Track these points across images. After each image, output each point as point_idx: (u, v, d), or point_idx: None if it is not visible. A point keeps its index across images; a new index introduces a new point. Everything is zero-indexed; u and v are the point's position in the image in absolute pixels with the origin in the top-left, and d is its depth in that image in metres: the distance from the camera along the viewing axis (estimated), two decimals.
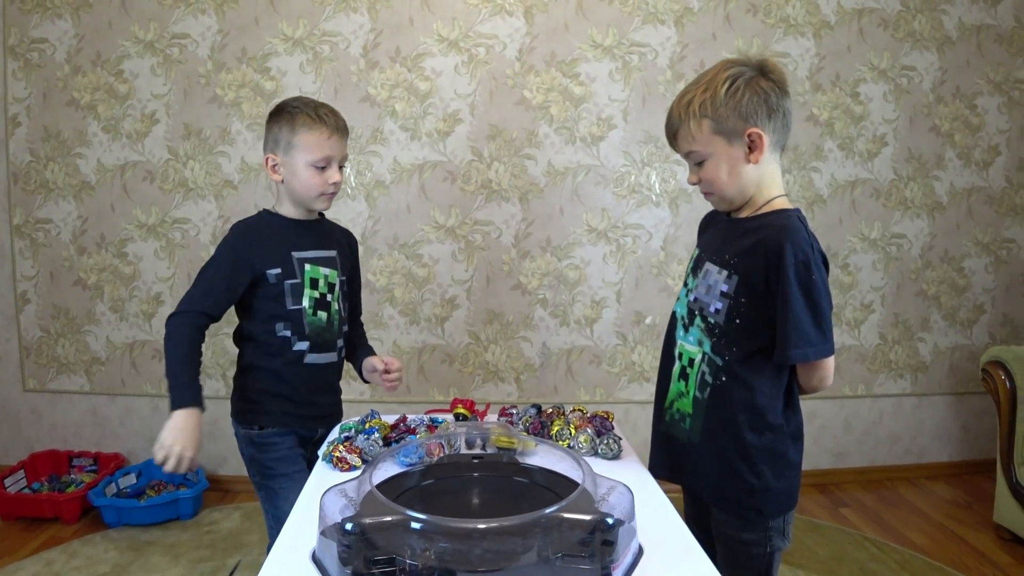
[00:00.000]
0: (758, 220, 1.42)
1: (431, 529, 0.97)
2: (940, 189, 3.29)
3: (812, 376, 1.43)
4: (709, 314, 1.44)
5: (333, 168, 1.74)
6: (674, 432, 1.52)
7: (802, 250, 1.33)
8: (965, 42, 3.22)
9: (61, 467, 3.10)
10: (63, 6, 2.96)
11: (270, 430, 1.78)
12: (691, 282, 1.52)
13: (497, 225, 3.10)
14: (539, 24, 3.02)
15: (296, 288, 1.75)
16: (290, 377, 1.77)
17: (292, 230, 1.79)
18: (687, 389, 1.49)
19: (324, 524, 1.05)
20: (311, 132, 1.70)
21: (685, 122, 1.40)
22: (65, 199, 3.06)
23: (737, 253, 1.41)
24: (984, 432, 3.44)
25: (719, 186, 1.43)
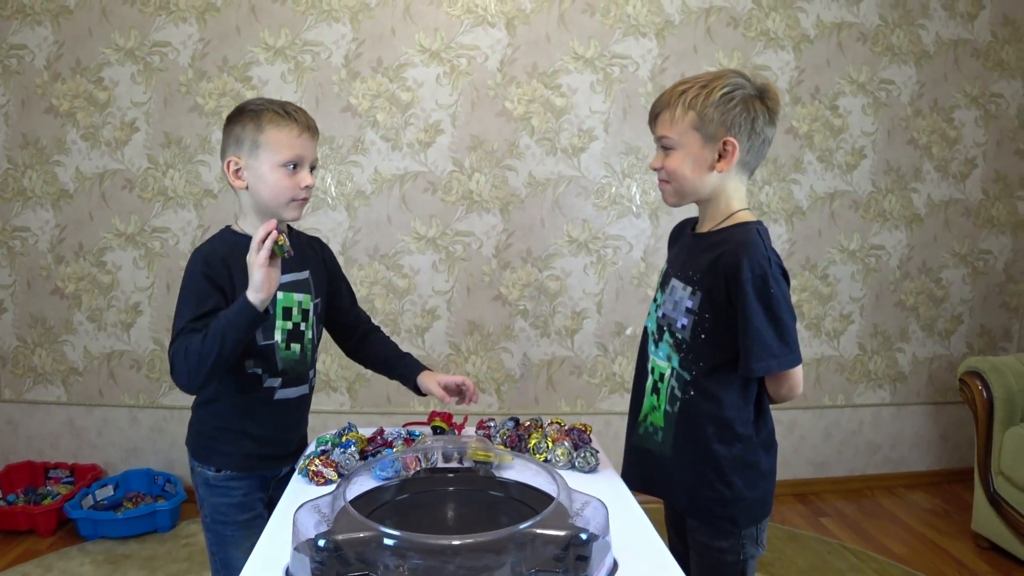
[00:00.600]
0: (719, 235, 1.45)
1: (405, 545, 0.97)
2: (918, 201, 3.33)
3: (780, 387, 1.44)
4: (676, 330, 1.46)
5: (305, 170, 1.54)
6: (647, 445, 1.54)
7: (759, 264, 1.35)
8: (942, 56, 3.27)
9: (37, 479, 3.06)
10: (43, 13, 2.94)
11: (227, 473, 1.60)
12: (659, 297, 1.54)
13: (478, 236, 3.11)
14: (521, 36, 3.03)
15: (267, 324, 1.55)
16: (258, 415, 1.60)
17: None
18: (659, 403, 1.51)
19: (297, 540, 1.04)
20: (279, 129, 1.50)
21: (672, 107, 1.41)
22: (43, 207, 3.04)
23: (700, 269, 1.43)
24: (962, 441, 3.47)
25: (678, 179, 1.44)
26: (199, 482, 1.63)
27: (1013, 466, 2.68)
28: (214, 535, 1.62)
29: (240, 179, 1.53)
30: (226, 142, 1.55)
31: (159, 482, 3.07)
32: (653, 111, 1.47)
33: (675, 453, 1.48)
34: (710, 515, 1.47)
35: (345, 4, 2.97)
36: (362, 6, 2.97)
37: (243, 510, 1.61)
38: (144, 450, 3.15)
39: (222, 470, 1.60)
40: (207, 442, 1.62)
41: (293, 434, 1.70)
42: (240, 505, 1.60)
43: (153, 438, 3.15)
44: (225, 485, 1.60)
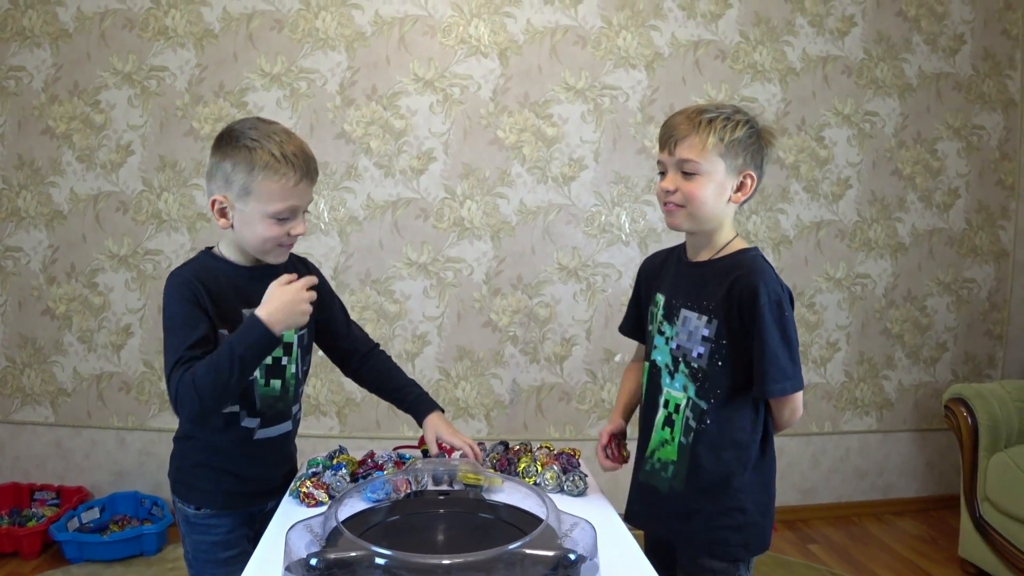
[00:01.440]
0: (725, 262, 1.48)
1: (396, 565, 0.99)
2: (903, 231, 3.38)
3: (785, 409, 1.47)
4: (692, 359, 1.48)
5: (297, 219, 1.43)
6: (654, 482, 1.55)
7: (774, 289, 1.41)
8: (925, 89, 3.34)
9: (22, 500, 3.04)
10: (42, 35, 2.98)
11: (207, 511, 1.52)
12: (669, 330, 1.53)
13: (469, 262, 3.13)
14: (513, 66, 3.08)
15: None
16: (237, 455, 1.52)
17: (242, 280, 1.47)
18: (672, 436, 1.52)
19: (289, 560, 1.05)
20: (273, 179, 1.36)
21: (699, 132, 1.41)
22: (36, 228, 3.05)
23: (714, 298, 1.45)
24: (948, 468, 3.49)
25: (697, 204, 1.44)
26: (180, 518, 1.57)
27: (998, 492, 2.70)
28: (196, 572, 1.57)
29: (225, 219, 1.42)
30: (213, 174, 1.42)
31: (146, 505, 3.06)
32: (672, 134, 1.44)
33: (687, 487, 1.49)
34: (726, 545, 1.47)
35: (341, 33, 3.02)
36: (357, 35, 3.02)
37: (225, 547, 1.53)
38: (131, 473, 3.14)
39: (202, 508, 1.53)
40: (187, 479, 1.54)
41: (278, 470, 1.61)
42: (222, 543, 1.53)
43: (141, 461, 3.14)
44: (205, 523, 1.53)
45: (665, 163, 1.47)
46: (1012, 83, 3.40)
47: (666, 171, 1.48)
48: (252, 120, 1.43)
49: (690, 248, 1.56)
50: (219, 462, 1.51)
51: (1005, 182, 3.44)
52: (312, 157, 1.44)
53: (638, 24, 3.12)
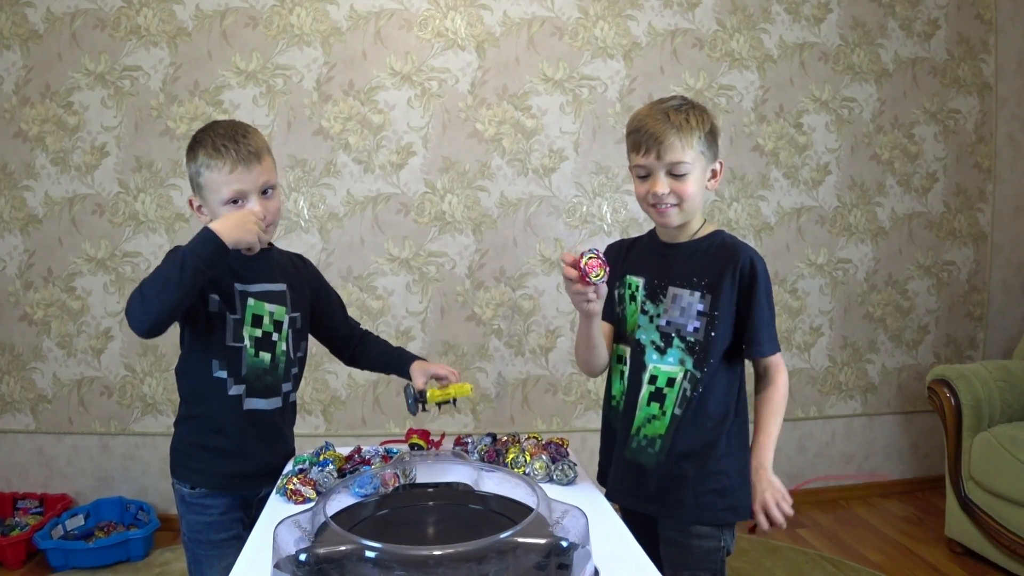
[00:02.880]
0: (707, 241, 1.58)
1: (387, 557, 0.97)
2: (882, 215, 3.40)
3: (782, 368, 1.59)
4: (688, 334, 1.54)
5: (251, 201, 1.52)
6: (641, 460, 1.58)
7: (761, 260, 1.55)
8: (901, 74, 3.36)
9: (5, 509, 3.00)
10: (12, 37, 2.93)
11: (202, 490, 1.60)
12: (654, 308, 1.58)
13: (451, 256, 3.12)
14: (491, 58, 3.07)
15: (236, 324, 1.58)
16: (228, 426, 1.59)
17: (238, 260, 1.58)
18: (662, 410, 1.56)
19: (278, 556, 1.04)
20: (212, 169, 1.50)
21: (682, 133, 1.48)
22: (11, 232, 3.01)
23: (706, 274, 1.54)
24: (933, 449, 3.52)
25: (691, 200, 1.52)
26: (177, 499, 1.63)
27: (983, 471, 2.73)
28: (191, 554, 1.63)
29: (203, 215, 1.57)
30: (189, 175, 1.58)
31: (131, 510, 3.03)
32: (657, 139, 1.48)
33: (670, 460, 1.54)
34: (713, 510, 1.53)
35: (316, 28, 2.99)
36: (333, 30, 3.00)
37: (218, 529, 1.60)
38: (115, 478, 3.10)
39: (196, 487, 1.60)
40: (183, 459, 1.63)
41: (271, 451, 1.65)
42: (215, 524, 1.60)
43: (125, 465, 3.10)
44: (200, 503, 1.60)
45: (650, 166, 1.51)
46: (987, 67, 3.43)
47: (649, 174, 1.52)
48: (212, 122, 1.59)
49: (664, 234, 1.64)
50: (213, 441, 1.59)
51: (982, 165, 3.47)
52: (247, 142, 1.52)
53: (615, 14, 3.12)
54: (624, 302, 1.66)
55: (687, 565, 1.55)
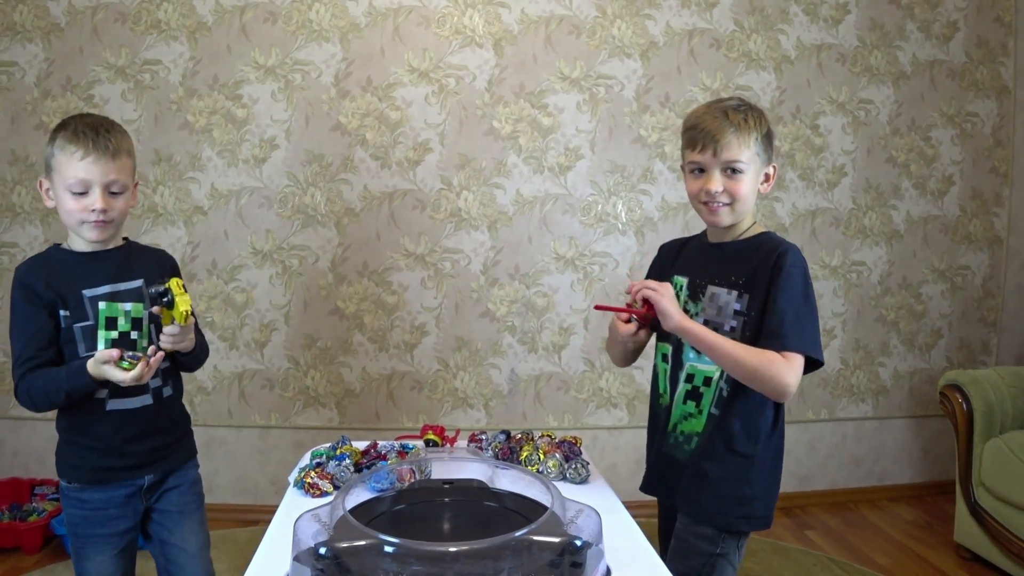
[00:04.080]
0: (751, 242, 1.56)
1: (404, 553, 0.99)
2: (897, 218, 3.40)
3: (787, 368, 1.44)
4: (725, 333, 1.51)
5: (94, 194, 1.51)
6: (676, 454, 1.59)
7: (801, 259, 1.50)
8: (919, 77, 3.35)
9: (23, 495, 3.04)
10: (34, 30, 2.96)
11: (76, 485, 1.61)
12: (694, 307, 1.59)
13: (466, 253, 3.14)
14: (508, 56, 3.08)
15: (88, 331, 1.56)
16: (93, 428, 1.59)
17: (81, 265, 1.58)
18: (698, 409, 1.56)
19: (298, 549, 1.06)
20: (64, 152, 1.50)
21: (740, 132, 1.47)
22: (31, 223, 3.04)
23: (744, 273, 1.52)
24: (944, 454, 3.52)
25: (743, 200, 1.51)
26: (62, 493, 1.65)
27: (993, 478, 2.73)
28: (72, 547, 1.65)
29: (49, 199, 1.57)
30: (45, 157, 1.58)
31: None
32: (714, 136, 1.48)
33: (702, 458, 1.53)
34: (726, 515, 1.52)
35: (335, 24, 3.01)
36: (352, 26, 3.02)
37: (95, 523, 1.62)
38: None
39: (72, 482, 1.62)
40: (60, 453, 1.64)
41: (141, 445, 1.64)
42: (91, 518, 1.61)
43: None
44: (77, 496, 1.61)
45: (705, 164, 1.51)
46: (1005, 70, 3.42)
47: (703, 171, 1.52)
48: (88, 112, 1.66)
49: (713, 234, 1.63)
50: (80, 437, 1.60)
51: (999, 169, 3.46)
52: (111, 139, 1.53)
53: (632, 13, 3.12)
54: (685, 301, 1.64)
55: (679, 558, 1.55)
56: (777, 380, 1.42)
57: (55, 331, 1.54)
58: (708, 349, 1.47)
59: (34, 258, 1.61)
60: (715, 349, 1.46)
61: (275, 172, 3.04)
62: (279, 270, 3.08)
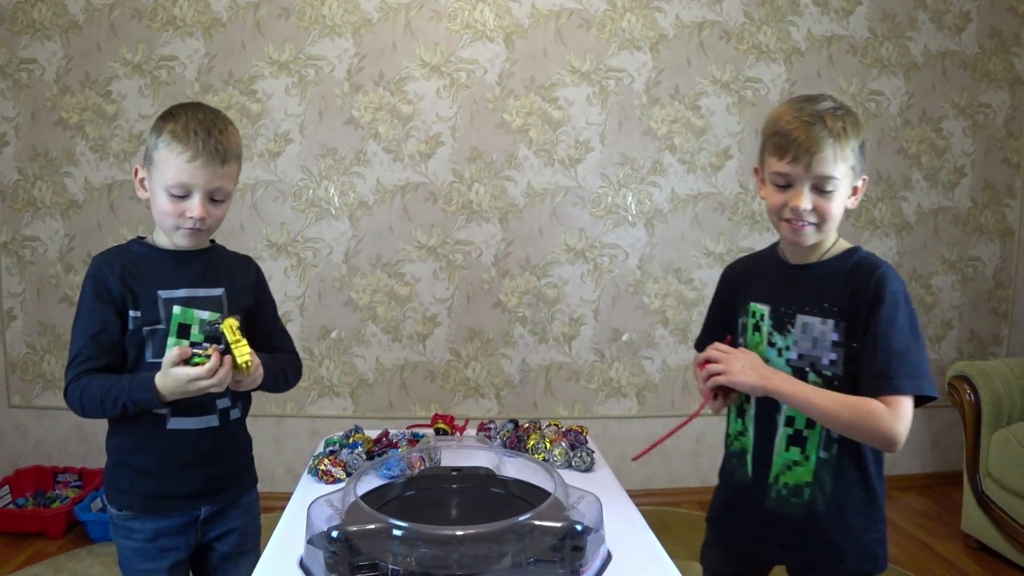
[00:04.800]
0: (838, 262, 1.37)
1: (412, 536, 1.04)
2: (908, 209, 3.40)
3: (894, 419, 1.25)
4: (823, 367, 1.35)
5: (194, 200, 1.38)
6: (786, 510, 1.40)
7: (901, 283, 1.32)
8: (931, 68, 3.35)
9: (46, 483, 3.12)
10: (52, 28, 3.02)
11: (127, 512, 1.46)
12: (782, 340, 1.40)
13: (477, 245, 3.18)
14: (519, 50, 3.11)
15: (158, 336, 1.41)
16: (149, 448, 1.44)
17: (162, 263, 1.45)
18: (804, 455, 1.37)
19: (311, 532, 1.11)
20: (171, 150, 1.36)
21: (838, 142, 1.28)
22: (52, 217, 3.11)
23: (839, 299, 1.34)
24: (953, 445, 3.53)
25: (831, 218, 1.33)
26: (110, 519, 1.50)
27: (1000, 468, 2.74)
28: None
29: (144, 189, 1.43)
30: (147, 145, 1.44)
31: None
32: (808, 148, 1.28)
33: (832, 506, 1.36)
34: (875, 560, 1.38)
35: (348, 19, 3.05)
36: (364, 21, 3.05)
37: (144, 557, 1.46)
38: None
39: (123, 509, 1.46)
40: (110, 478, 1.49)
41: (202, 471, 1.49)
42: (141, 551, 1.46)
43: None
44: (125, 526, 1.47)
45: (794, 177, 1.31)
46: (1019, 61, 3.41)
47: (789, 185, 1.33)
48: (196, 102, 1.46)
49: (791, 253, 1.44)
50: (136, 460, 1.45)
51: (1011, 160, 3.45)
52: (223, 141, 1.39)
53: (642, 6, 3.14)
54: (747, 332, 1.47)
55: None
56: (883, 434, 1.26)
57: (120, 333, 1.41)
58: (803, 408, 1.32)
59: (112, 250, 1.47)
60: (810, 407, 1.31)
61: (289, 166, 3.09)
62: (294, 262, 3.14)
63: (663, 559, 1.20)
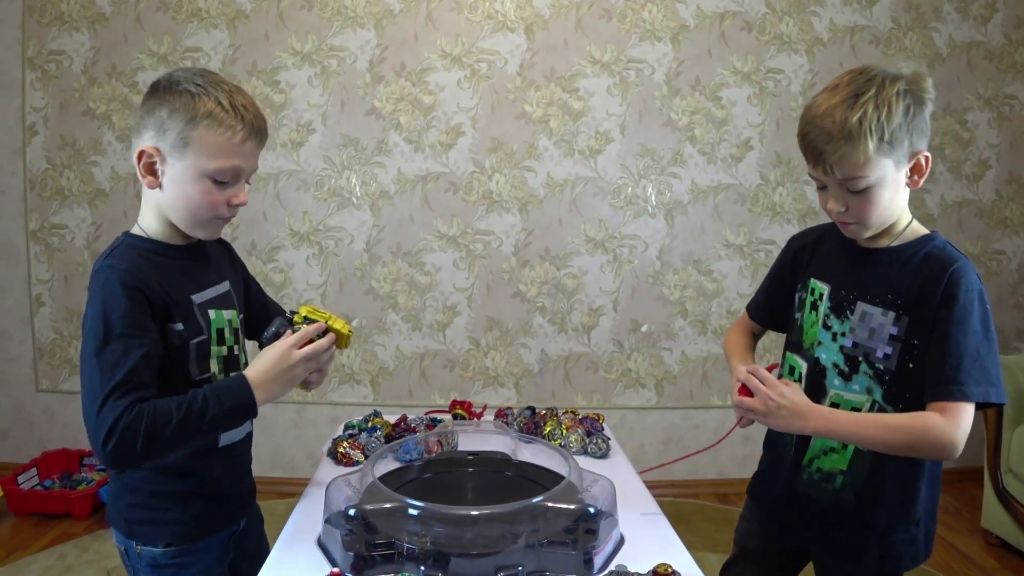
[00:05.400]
0: (909, 249, 1.28)
1: (427, 515, 1.06)
2: (931, 202, 3.37)
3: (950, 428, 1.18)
4: (877, 360, 1.28)
5: (241, 184, 1.22)
6: (813, 494, 1.38)
7: (976, 280, 1.22)
8: (955, 59, 3.31)
9: (72, 465, 3.18)
10: (80, 20, 3.07)
11: (175, 548, 1.25)
12: (839, 325, 1.34)
13: (497, 235, 3.20)
14: (539, 40, 3.12)
15: (203, 348, 1.24)
16: (202, 471, 1.27)
17: (179, 262, 1.25)
18: (843, 444, 1.33)
19: (329, 511, 1.14)
20: (218, 131, 1.15)
21: (854, 142, 1.17)
22: (80, 205, 3.16)
23: (905, 291, 1.26)
24: (973, 440, 3.47)
25: (874, 216, 1.24)
26: (142, 566, 1.26)
27: (1021, 464, 2.72)
28: None
29: (154, 176, 1.18)
30: (144, 123, 1.18)
31: None
32: (821, 153, 1.21)
33: (862, 499, 1.33)
34: (898, 559, 1.33)
35: (370, 11, 3.07)
36: (386, 12, 3.07)
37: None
38: None
39: (172, 544, 1.25)
40: (146, 514, 1.25)
41: (246, 481, 1.41)
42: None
43: None
44: (179, 562, 1.26)
45: (822, 180, 1.26)
46: None
47: (824, 187, 1.27)
48: (198, 69, 1.21)
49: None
50: (183, 486, 1.25)
51: None
52: (264, 118, 1.23)
53: None
54: (804, 308, 1.42)
55: None
56: (941, 447, 1.19)
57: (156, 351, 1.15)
58: (853, 441, 1.28)
59: (121, 250, 1.20)
60: (859, 440, 1.25)
61: (312, 155, 3.12)
62: (316, 251, 3.17)
63: (676, 544, 1.22)
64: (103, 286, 1.13)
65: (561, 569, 1.07)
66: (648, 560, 1.09)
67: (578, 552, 1.08)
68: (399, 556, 1.05)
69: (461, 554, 1.04)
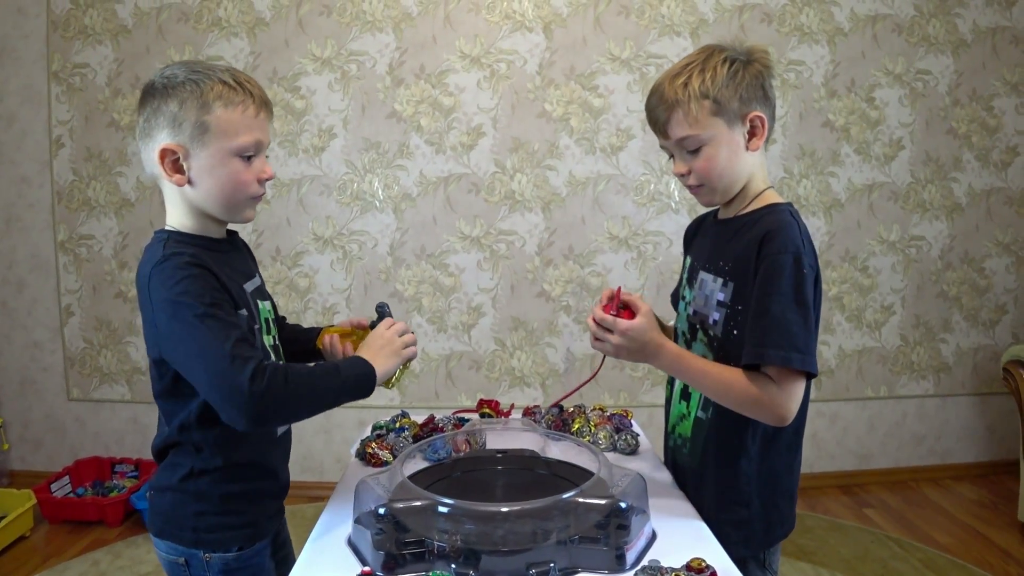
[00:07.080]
0: (747, 218, 1.32)
1: (458, 513, 1.06)
2: (959, 191, 3.33)
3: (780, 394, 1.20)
4: (709, 326, 1.33)
5: (263, 159, 1.24)
6: (678, 459, 1.45)
7: (793, 243, 1.22)
8: (980, 44, 3.26)
9: (104, 473, 3.22)
10: (103, 32, 3.11)
11: (253, 547, 1.27)
12: (688, 294, 1.42)
13: (521, 234, 3.19)
14: (558, 39, 3.11)
15: (258, 338, 1.28)
16: (268, 463, 1.30)
17: (223, 254, 1.26)
18: (689, 410, 1.39)
19: (359, 511, 1.14)
20: (233, 108, 1.17)
21: (683, 103, 1.25)
22: (106, 216, 3.20)
23: (730, 258, 1.30)
24: (1010, 432, 3.44)
25: (715, 176, 1.29)
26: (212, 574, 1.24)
27: None
28: None
29: (181, 173, 1.19)
30: (154, 124, 1.18)
31: None
32: (659, 115, 1.29)
33: (701, 466, 1.36)
34: (727, 541, 1.20)
35: (388, 14, 3.08)
36: (404, 16, 3.08)
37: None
38: None
39: (246, 546, 1.26)
40: (218, 520, 1.24)
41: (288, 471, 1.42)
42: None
43: None
44: (254, 564, 1.28)
45: (666, 147, 1.34)
46: None
47: (671, 154, 1.34)
48: (183, 61, 1.23)
49: (723, 208, 1.41)
50: (251, 483, 1.27)
51: None
52: (261, 88, 1.24)
53: None
54: (682, 284, 1.49)
55: None
56: (772, 411, 1.21)
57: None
58: (693, 384, 1.33)
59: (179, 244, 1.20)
60: (698, 383, 1.29)
61: (334, 160, 3.14)
62: (340, 255, 3.18)
63: (709, 538, 1.20)
64: (176, 270, 1.13)
65: (593, 565, 1.06)
66: (681, 555, 1.07)
67: (610, 548, 1.07)
68: (429, 554, 1.05)
69: (492, 551, 1.04)
